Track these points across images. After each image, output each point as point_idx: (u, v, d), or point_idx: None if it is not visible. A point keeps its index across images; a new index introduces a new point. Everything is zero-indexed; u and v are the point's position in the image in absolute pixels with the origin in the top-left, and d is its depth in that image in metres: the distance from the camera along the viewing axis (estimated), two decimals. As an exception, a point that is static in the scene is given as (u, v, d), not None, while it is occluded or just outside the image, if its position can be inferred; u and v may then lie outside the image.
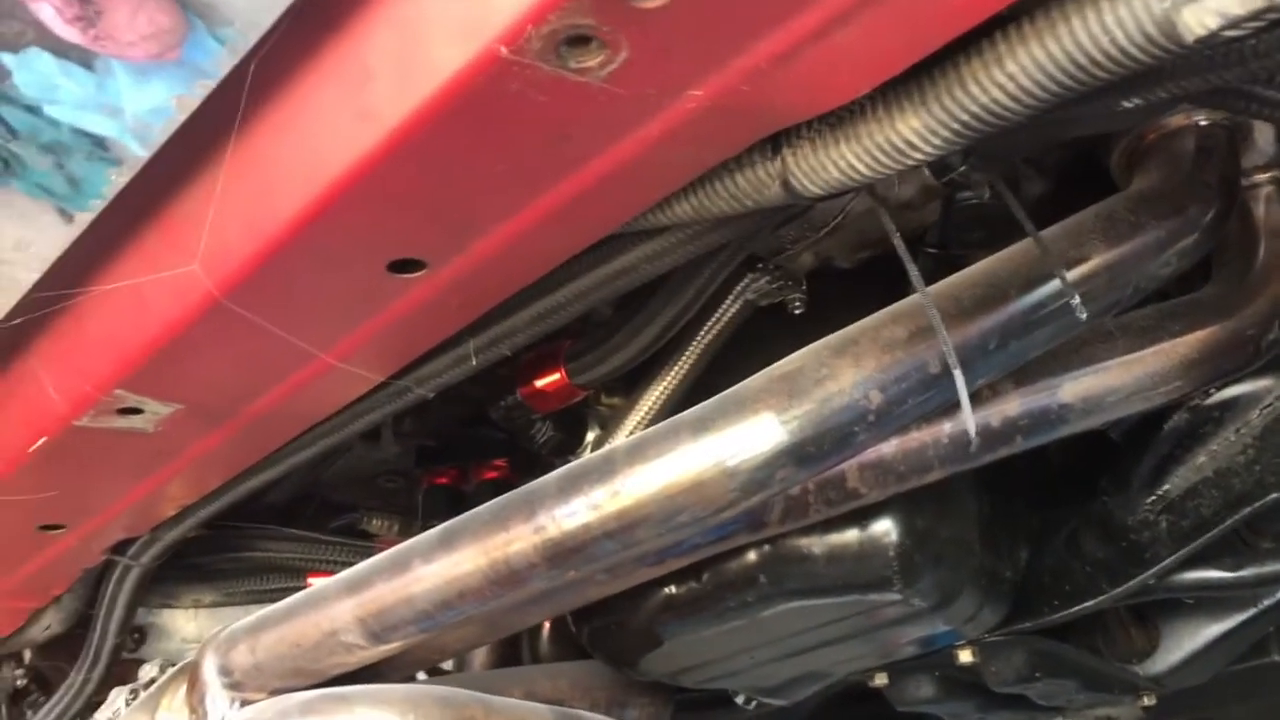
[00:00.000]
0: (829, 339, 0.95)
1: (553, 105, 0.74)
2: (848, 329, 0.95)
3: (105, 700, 1.67)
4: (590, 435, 1.54)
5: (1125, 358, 1.09)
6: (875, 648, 1.43)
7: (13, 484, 1.28)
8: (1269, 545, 1.33)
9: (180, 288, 0.93)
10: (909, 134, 0.78)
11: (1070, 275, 0.95)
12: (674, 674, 1.49)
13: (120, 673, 1.78)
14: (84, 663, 1.75)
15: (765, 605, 1.29)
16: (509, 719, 1.26)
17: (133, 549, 1.57)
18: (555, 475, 1.03)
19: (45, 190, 0.89)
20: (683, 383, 1.39)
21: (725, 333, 1.34)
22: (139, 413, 1.14)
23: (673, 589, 1.35)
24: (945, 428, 1.09)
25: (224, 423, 1.21)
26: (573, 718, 1.33)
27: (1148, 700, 1.62)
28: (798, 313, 1.31)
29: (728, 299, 1.29)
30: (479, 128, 0.76)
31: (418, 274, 0.95)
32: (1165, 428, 1.27)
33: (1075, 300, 0.91)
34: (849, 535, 1.21)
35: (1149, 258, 1.01)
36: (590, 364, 1.39)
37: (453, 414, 1.69)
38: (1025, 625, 1.41)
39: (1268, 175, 1.17)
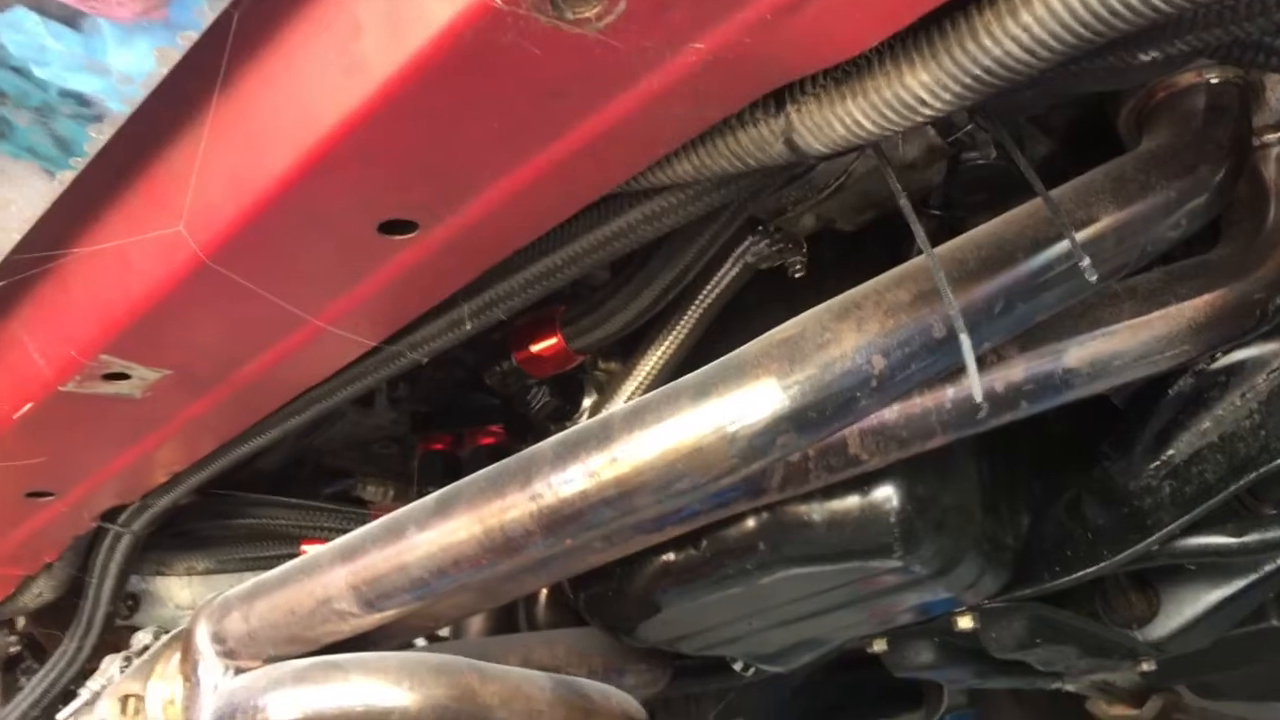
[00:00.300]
0: (831, 303, 0.93)
1: (548, 59, 0.71)
2: (850, 292, 0.93)
3: (99, 667, 1.66)
4: (587, 401, 1.52)
5: (1132, 321, 1.07)
6: (875, 615, 1.42)
7: (0, 451, 1.27)
8: (1272, 511, 1.32)
9: (165, 249, 0.91)
10: (918, 89, 0.75)
11: (1079, 237, 0.92)
12: (672, 641, 1.48)
13: (114, 640, 1.77)
14: (77, 630, 1.74)
15: (764, 572, 1.28)
16: (505, 686, 1.25)
17: (124, 516, 1.56)
18: (552, 441, 1.02)
19: (32, 153, 0.87)
20: (680, 348, 1.37)
21: (724, 297, 1.32)
22: (126, 378, 1.12)
23: (671, 556, 1.34)
24: (948, 393, 1.07)
25: (213, 388, 1.19)
26: (570, 685, 1.33)
27: (1147, 665, 1.62)
28: (797, 276, 1.29)
29: (727, 262, 1.27)
30: (472, 82, 0.74)
31: (409, 235, 0.93)
32: (1170, 392, 1.25)
33: (1085, 262, 0.89)
34: (850, 502, 1.20)
35: (1159, 219, 0.99)
36: (587, 328, 1.37)
37: (447, 379, 1.67)
38: (1026, 592, 1.40)
39: (1279, 135, 1.15)
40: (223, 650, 1.30)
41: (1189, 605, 1.48)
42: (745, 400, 0.90)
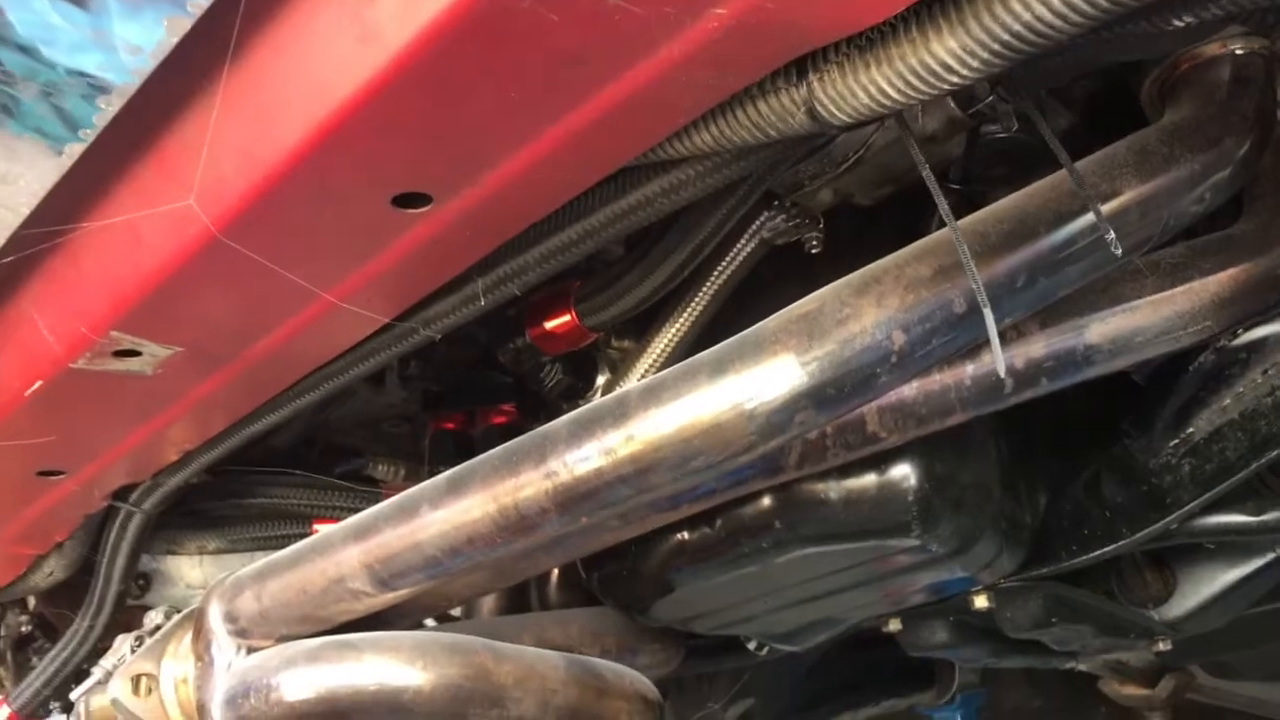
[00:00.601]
0: (850, 277, 0.92)
1: (566, 25, 0.69)
2: (870, 267, 0.92)
3: (110, 646, 1.66)
4: (600, 379, 1.51)
5: (1154, 297, 1.06)
6: (890, 594, 1.41)
7: (10, 429, 1.26)
8: (1292, 490, 1.30)
9: (175, 223, 0.89)
10: (945, 56, 0.74)
11: (1102, 210, 0.91)
12: (685, 620, 1.48)
13: (125, 619, 1.77)
14: (88, 609, 1.74)
15: (780, 551, 1.26)
16: (520, 666, 1.25)
17: (135, 495, 1.55)
18: (567, 419, 1.00)
19: (40, 131, 0.86)
20: (695, 326, 1.36)
21: (739, 273, 1.30)
22: (137, 355, 1.11)
23: (685, 535, 1.33)
24: (968, 369, 1.06)
25: (225, 365, 1.18)
26: (584, 664, 1.32)
27: (1162, 645, 1.61)
28: (814, 252, 1.28)
29: (742, 238, 1.26)
30: (488, 50, 0.72)
31: (423, 209, 0.91)
32: (1190, 369, 1.23)
33: (1110, 235, 0.87)
34: (867, 480, 1.19)
35: (1183, 192, 0.97)
36: (601, 305, 1.35)
37: (459, 357, 1.66)
38: (1042, 571, 1.39)
39: (1305, 108, 1.13)
40: (235, 629, 1.30)
41: (1206, 584, 1.47)
42: (764, 377, 0.88)
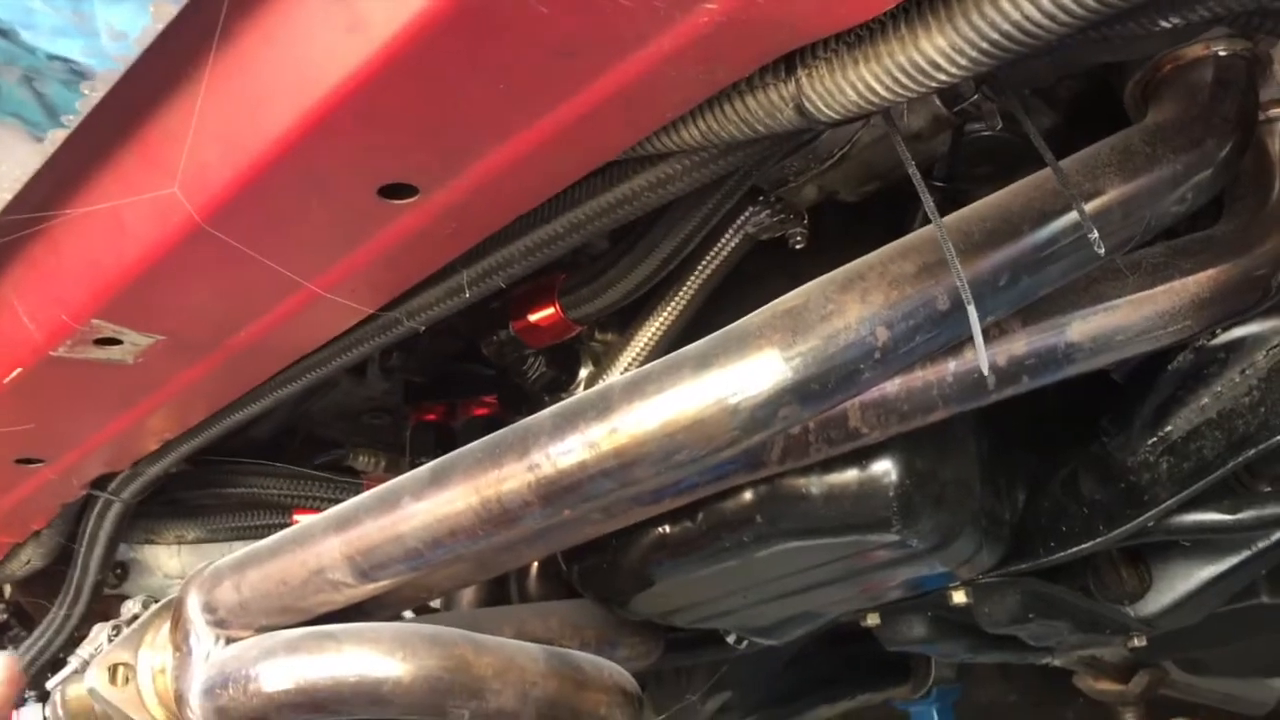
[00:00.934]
0: (835, 273, 0.92)
1: (556, 17, 0.69)
2: (854, 263, 0.92)
3: (87, 636, 1.65)
4: (583, 372, 1.51)
5: (1135, 296, 1.06)
6: (870, 589, 1.42)
7: (-12, 416, 1.25)
8: (1267, 488, 1.32)
9: (158, 211, 0.89)
10: (933, 54, 0.74)
11: (1085, 209, 0.91)
12: (665, 614, 1.48)
13: (102, 609, 1.76)
14: (65, 598, 1.73)
15: (761, 546, 1.27)
16: (499, 658, 1.25)
17: (113, 484, 1.54)
18: (550, 412, 1.00)
19: (21, 118, 0.85)
20: (679, 320, 1.36)
21: (724, 268, 1.30)
22: (118, 343, 1.10)
23: (666, 529, 1.33)
24: (950, 366, 1.07)
25: (207, 355, 1.17)
26: (563, 657, 1.32)
27: (1137, 641, 1.63)
28: (798, 248, 1.28)
29: (727, 233, 1.26)
30: (477, 42, 0.72)
31: (409, 200, 0.91)
32: (1169, 368, 1.24)
33: (1094, 234, 0.88)
34: (848, 475, 1.19)
35: (1165, 192, 0.98)
36: (585, 298, 1.35)
37: (441, 349, 1.66)
38: (1020, 567, 1.40)
39: (1285, 110, 1.14)
40: (214, 620, 1.29)
41: (1181, 581, 1.48)
42: (747, 371, 0.88)
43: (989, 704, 2.94)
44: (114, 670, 1.49)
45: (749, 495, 1.25)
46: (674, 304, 1.33)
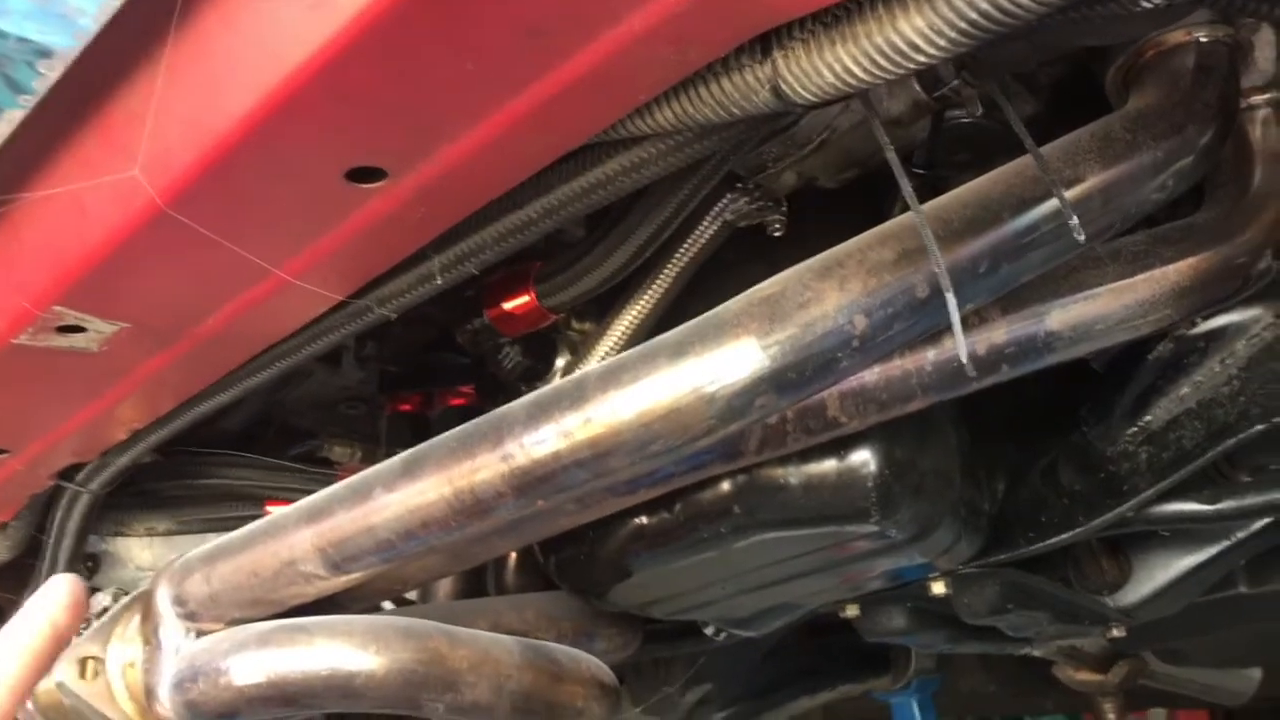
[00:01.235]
0: (812, 261, 0.90)
1: (525, -6, 0.68)
2: (832, 250, 0.91)
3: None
4: (560, 361, 1.50)
5: (1115, 284, 1.05)
6: (849, 580, 1.41)
7: (-50, 406, 1.23)
8: (1247, 478, 1.31)
9: (119, 195, 0.86)
10: (912, 34, 0.72)
11: (1066, 196, 0.90)
12: (643, 605, 1.47)
13: (73, 602, 1.73)
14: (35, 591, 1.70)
15: (739, 536, 1.26)
16: (474, 650, 1.23)
17: (82, 474, 1.51)
18: (524, 401, 0.99)
19: (-16, 101, 0.83)
20: (656, 308, 1.34)
21: (702, 256, 1.29)
22: (81, 331, 1.08)
23: (643, 519, 1.32)
24: (929, 355, 1.05)
25: (174, 343, 1.15)
26: (539, 649, 1.31)
27: (1116, 631, 1.63)
28: (777, 235, 1.27)
29: (705, 220, 1.24)
30: (443, 19, 0.70)
31: (378, 184, 0.89)
32: (1149, 357, 1.24)
33: (1074, 221, 0.87)
34: (827, 465, 1.18)
35: (1145, 179, 0.97)
36: (561, 285, 1.33)
37: (416, 338, 1.64)
38: (1000, 557, 1.39)
39: (1265, 97, 1.13)
40: (184, 613, 1.27)
41: (1160, 572, 1.48)
42: (724, 360, 0.87)
43: (969, 694, 2.94)
44: (83, 664, 1.46)
45: (727, 486, 1.24)
46: (651, 292, 1.32)
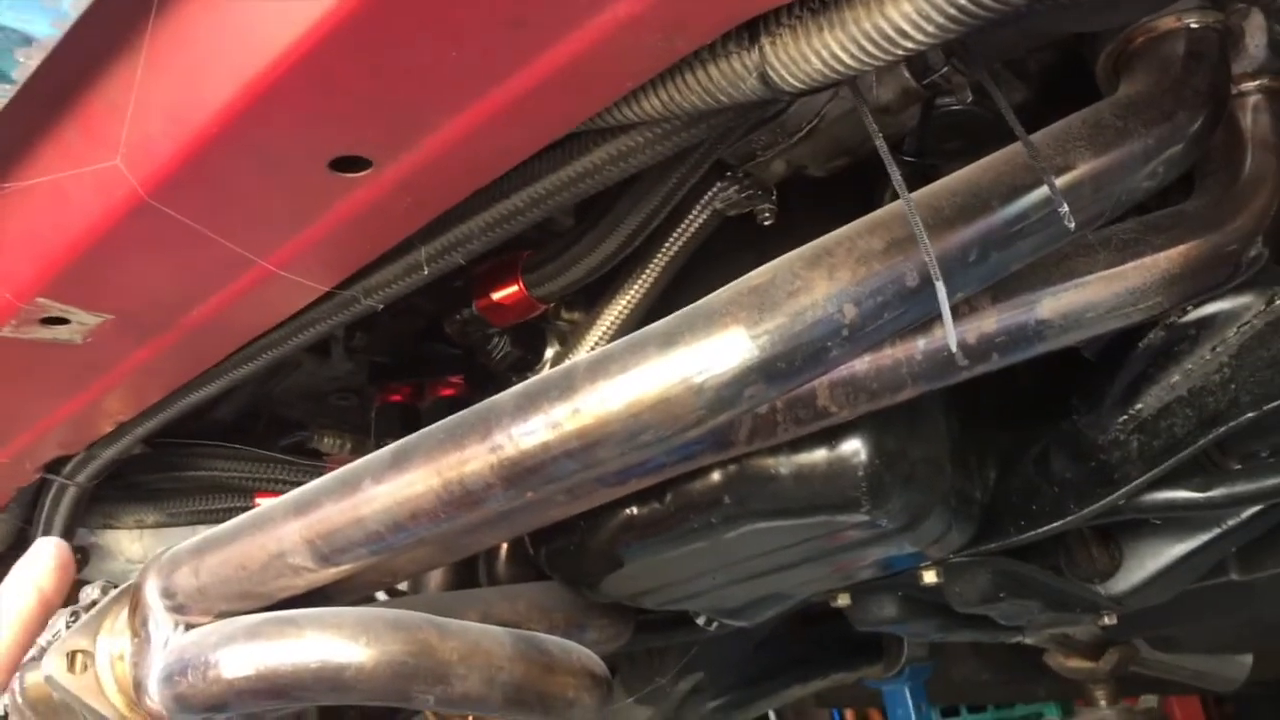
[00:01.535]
0: (802, 250, 0.90)
1: (506, -18, 0.67)
2: (822, 239, 0.90)
3: (46, 623, 1.62)
4: (549, 351, 1.49)
5: (1106, 272, 1.05)
6: (840, 569, 1.41)
7: (-66, 399, 1.22)
8: (1237, 466, 1.31)
9: (101, 185, 0.85)
10: (899, 20, 0.72)
11: (1056, 183, 0.90)
12: (634, 596, 1.47)
13: (62, 594, 1.72)
14: (23, 584, 1.69)
15: (729, 526, 1.25)
16: (464, 642, 1.23)
17: (68, 467, 1.51)
18: (513, 392, 0.98)
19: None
20: (646, 297, 1.34)
21: (691, 245, 1.28)
22: (65, 323, 1.07)
23: (634, 510, 1.32)
24: (919, 344, 1.05)
25: (159, 334, 1.14)
26: (530, 640, 1.30)
27: (1108, 619, 1.63)
28: (767, 224, 1.26)
29: (694, 208, 1.23)
30: (425, 8, 0.69)
31: (362, 173, 0.88)
32: (1140, 345, 1.23)
33: (1064, 209, 0.86)
34: (817, 455, 1.18)
35: (1136, 166, 0.97)
36: (549, 275, 1.33)
37: (406, 329, 1.63)
38: (991, 546, 1.39)
39: (1256, 83, 1.12)
40: (172, 605, 1.26)
41: (1151, 560, 1.48)
42: (713, 350, 0.86)
43: (961, 681, 2.95)
44: (72, 657, 1.45)
45: (717, 476, 1.23)
46: (641, 281, 1.31)
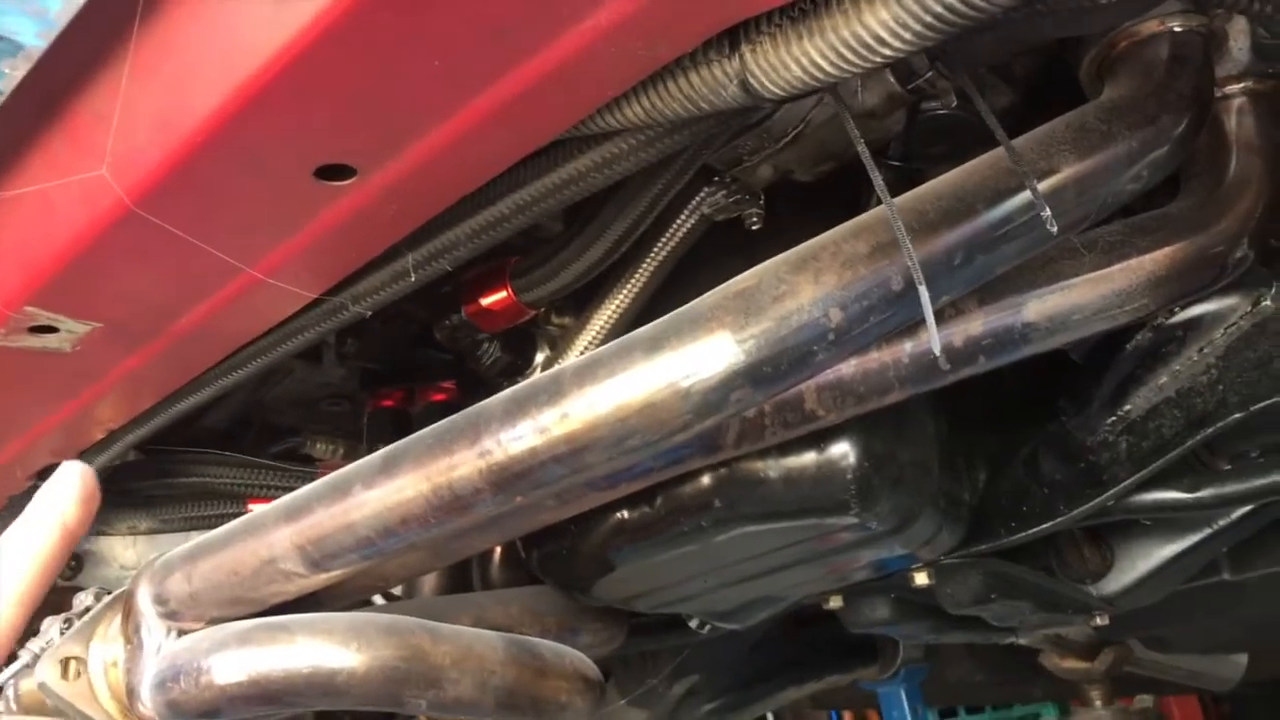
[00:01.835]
0: (787, 254, 0.90)
1: (486, -9, 0.67)
2: (807, 244, 0.90)
3: (39, 629, 1.62)
4: (539, 356, 1.49)
5: (1091, 275, 1.05)
6: (831, 571, 1.41)
7: (-76, 408, 1.22)
8: (1226, 466, 1.32)
9: (87, 194, 0.86)
10: (877, 28, 0.72)
11: (1040, 187, 0.90)
12: (627, 599, 1.47)
13: (55, 601, 1.72)
14: (16, 592, 1.69)
15: (720, 530, 1.26)
16: (457, 646, 1.23)
17: (60, 475, 1.50)
18: (501, 397, 0.98)
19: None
20: (635, 302, 1.34)
21: (679, 249, 1.29)
22: (54, 331, 1.07)
23: (625, 514, 1.32)
24: (906, 347, 1.05)
25: (148, 342, 1.15)
26: (523, 644, 1.30)
27: (1100, 620, 1.63)
28: (754, 228, 1.26)
29: (682, 214, 1.24)
30: (408, 17, 0.69)
31: (348, 181, 0.88)
32: (1127, 347, 1.24)
33: (1046, 212, 0.87)
34: (806, 458, 1.18)
35: (1120, 170, 0.97)
36: (538, 280, 1.33)
37: (397, 335, 1.63)
38: (982, 547, 1.39)
39: (1240, 86, 1.13)
40: (165, 612, 1.27)
41: (1142, 560, 1.48)
42: (699, 354, 0.87)
43: (956, 683, 2.95)
44: (65, 664, 1.46)
45: (706, 479, 1.24)
46: (630, 286, 1.31)
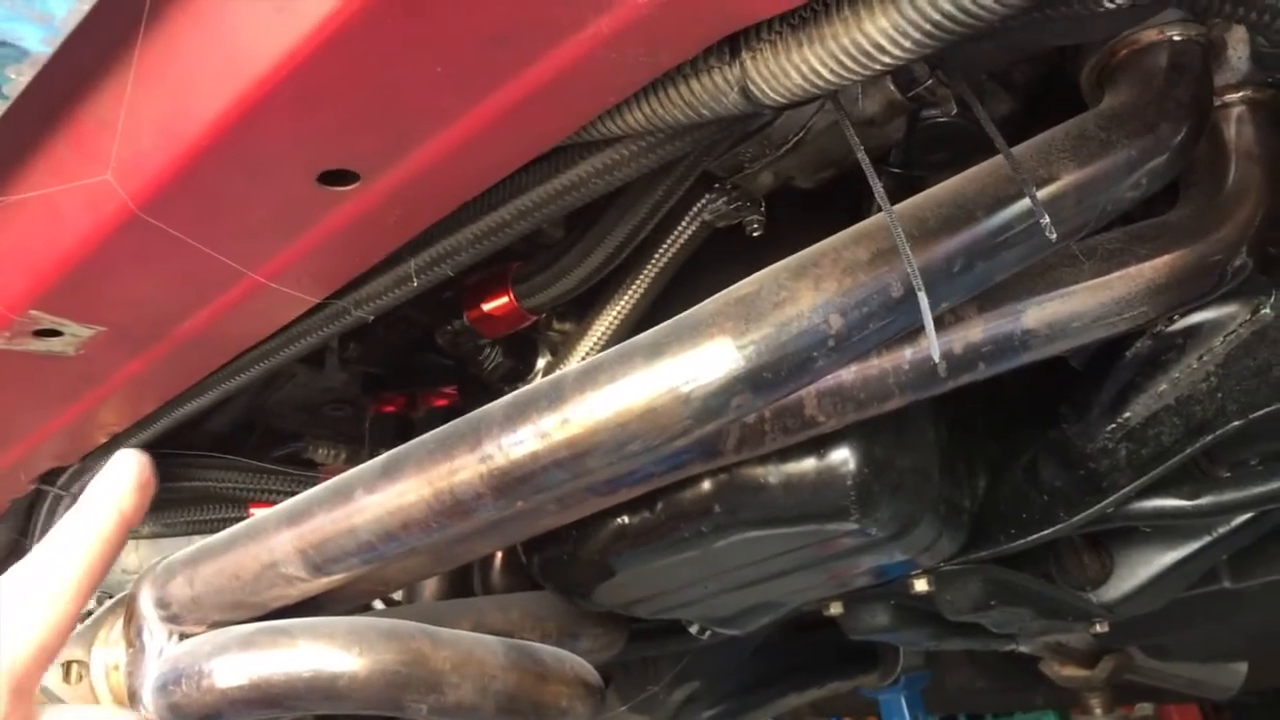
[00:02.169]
0: (788, 260, 0.91)
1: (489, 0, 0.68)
2: (808, 250, 0.91)
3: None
4: (541, 362, 1.50)
5: (1091, 282, 1.06)
6: (831, 578, 1.41)
7: (-72, 411, 1.23)
8: (1226, 474, 1.32)
9: (92, 199, 0.86)
10: (877, 35, 0.72)
11: (1039, 195, 0.91)
12: (627, 605, 1.47)
13: (57, 605, 1.72)
14: (19, 595, 1.70)
15: (720, 535, 1.26)
16: (458, 651, 1.23)
17: (63, 478, 1.51)
18: (502, 402, 0.99)
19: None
20: (636, 308, 1.34)
21: (681, 256, 1.29)
22: (58, 335, 1.08)
23: (625, 519, 1.32)
24: (906, 354, 1.06)
25: (151, 346, 1.15)
26: (524, 649, 1.31)
27: (1100, 627, 1.63)
28: (755, 235, 1.27)
29: (684, 220, 1.24)
30: (409, 24, 0.70)
31: (350, 186, 0.89)
32: (1127, 354, 1.24)
33: (1045, 220, 0.87)
34: (806, 464, 1.18)
35: (1119, 178, 0.97)
36: (540, 286, 1.33)
37: (399, 340, 1.64)
38: (982, 554, 1.40)
39: (1240, 95, 1.13)
40: (167, 615, 1.27)
41: (1142, 567, 1.49)
42: (699, 360, 0.87)
43: (957, 690, 2.95)
44: (67, 668, 1.46)
45: (707, 485, 1.24)
46: (631, 292, 1.32)
